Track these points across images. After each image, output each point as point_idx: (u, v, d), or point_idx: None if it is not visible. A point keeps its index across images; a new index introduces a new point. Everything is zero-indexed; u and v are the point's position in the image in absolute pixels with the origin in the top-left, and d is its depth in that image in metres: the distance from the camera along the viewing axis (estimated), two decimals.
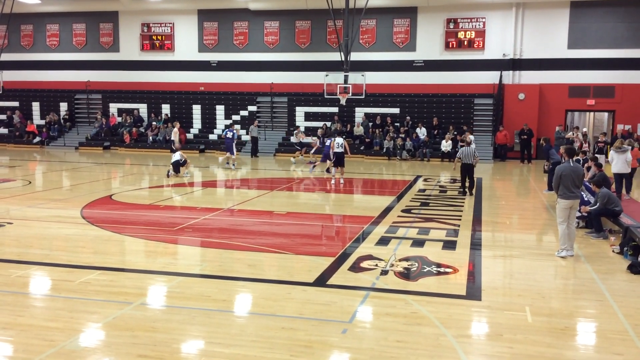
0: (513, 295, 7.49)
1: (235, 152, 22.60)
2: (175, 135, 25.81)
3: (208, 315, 6.63)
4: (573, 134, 24.40)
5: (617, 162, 14.98)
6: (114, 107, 32.98)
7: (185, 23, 31.74)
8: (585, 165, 14.65)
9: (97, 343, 5.96)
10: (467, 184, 16.18)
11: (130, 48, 32.64)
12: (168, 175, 18.94)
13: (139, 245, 10.10)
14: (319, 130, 27.04)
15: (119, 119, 32.40)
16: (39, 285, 7.91)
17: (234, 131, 22.89)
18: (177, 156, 19.28)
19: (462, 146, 19.48)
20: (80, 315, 6.62)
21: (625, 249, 9.39)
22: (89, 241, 10.24)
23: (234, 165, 22.49)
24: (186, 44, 31.86)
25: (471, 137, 23.38)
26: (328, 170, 20.08)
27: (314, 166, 21.65)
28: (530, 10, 27.55)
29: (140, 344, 5.86)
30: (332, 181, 18.16)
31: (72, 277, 8.04)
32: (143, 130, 31.46)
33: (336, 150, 18.03)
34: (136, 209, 13.58)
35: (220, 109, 31.41)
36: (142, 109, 32.57)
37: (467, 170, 16.14)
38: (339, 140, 18.21)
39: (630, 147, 15.40)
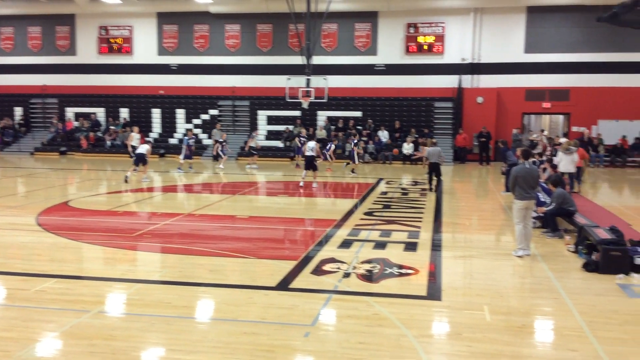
0: (472, 295, 7.62)
1: (183, 158, 22.84)
2: (137, 141, 23.78)
3: (168, 322, 6.54)
4: (537, 137, 24.96)
5: (564, 162, 15.88)
6: (70, 112, 32.36)
7: (145, 26, 31.35)
8: (541, 166, 15.02)
9: (53, 353, 5.82)
10: (434, 182, 16.92)
11: (87, 51, 32.07)
12: (126, 181, 18.59)
13: (96, 252, 9.91)
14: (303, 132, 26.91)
15: (76, 124, 31.79)
16: None
17: (195, 137, 23.14)
18: (143, 149, 18.91)
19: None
20: (35, 325, 6.45)
21: (580, 247, 9.66)
22: (45, 249, 10.00)
23: (190, 167, 22.91)
24: (145, 47, 31.47)
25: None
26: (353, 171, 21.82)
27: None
28: (488, 16, 28.13)
29: (98, 352, 5.75)
30: (301, 183, 18.25)
31: (28, 285, 7.83)
32: (101, 135, 30.91)
33: (307, 153, 18.21)
34: (94, 215, 13.32)
35: (180, 113, 31.11)
36: (100, 113, 32.05)
37: (435, 169, 16.82)
38: (311, 144, 18.43)
39: (576, 148, 16.30)
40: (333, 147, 23.04)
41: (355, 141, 22.63)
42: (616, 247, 8.67)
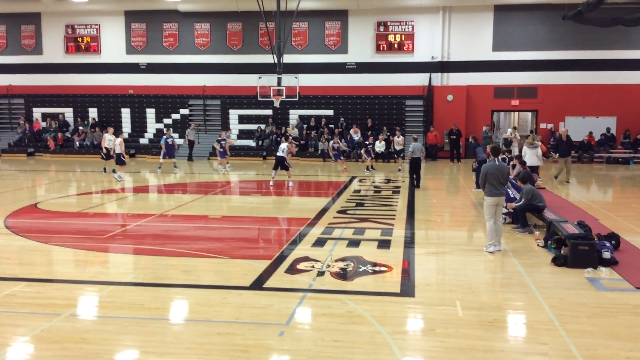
0: (445, 291, 7.72)
1: (162, 157, 23.04)
2: (110, 142, 21.45)
3: (141, 324, 6.49)
4: (511, 134, 25.19)
5: (529, 156, 16.64)
6: (37, 112, 31.73)
7: (112, 24, 30.88)
8: (511, 163, 15.25)
9: (24, 357, 5.73)
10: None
11: (54, 50, 31.44)
12: (116, 174, 19.45)
13: (67, 254, 9.76)
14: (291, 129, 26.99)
15: (44, 124, 31.19)
16: None
17: (173, 137, 23.10)
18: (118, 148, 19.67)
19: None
20: (5, 329, 6.34)
21: (549, 242, 9.84)
22: (14, 252, 9.82)
23: (175, 167, 23.03)
24: (113, 46, 31.00)
25: (401, 137, 23.94)
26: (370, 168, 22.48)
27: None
28: (456, 14, 28.42)
29: (70, 356, 5.67)
30: (271, 183, 18.24)
31: None
32: (69, 136, 30.39)
33: (278, 154, 18.28)
34: (63, 217, 13.11)
35: (150, 112, 30.77)
36: (68, 113, 31.49)
37: (416, 165, 17.35)
38: (283, 145, 18.52)
39: (540, 143, 17.30)
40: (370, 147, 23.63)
41: (368, 142, 23.69)
42: (584, 242, 8.85)
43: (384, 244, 10.33)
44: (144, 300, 7.28)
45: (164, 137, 23.28)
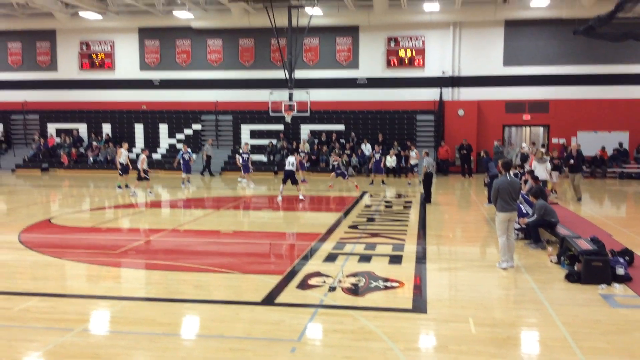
0: (457, 307, 7.66)
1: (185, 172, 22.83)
2: (125, 157, 21.80)
3: (153, 340, 6.49)
4: (529, 149, 24.98)
5: (539, 171, 16.59)
6: (52, 128, 32.08)
7: (126, 41, 31.26)
8: (523, 178, 15.18)
9: None
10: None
11: (68, 67, 31.85)
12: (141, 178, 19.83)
13: (80, 269, 9.80)
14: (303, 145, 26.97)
15: (58, 140, 31.50)
16: None
17: (190, 152, 23.15)
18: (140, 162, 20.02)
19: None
20: (19, 344, 6.37)
21: (562, 258, 9.75)
22: (28, 267, 9.89)
23: (188, 182, 22.77)
24: (127, 62, 31.36)
25: (415, 151, 23.98)
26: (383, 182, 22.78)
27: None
28: (467, 29, 28.48)
29: None
30: (279, 197, 18.24)
31: (10, 304, 7.73)
32: (83, 151, 30.67)
33: (286, 168, 18.30)
34: (77, 232, 13.20)
35: (163, 128, 31.01)
36: (82, 129, 31.81)
37: (429, 180, 17.36)
38: (291, 159, 18.51)
39: (549, 157, 17.48)
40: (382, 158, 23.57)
41: (379, 152, 23.62)
42: (598, 258, 8.77)
43: (396, 260, 10.28)
44: (156, 316, 7.29)
45: (180, 152, 23.33)
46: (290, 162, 18.45)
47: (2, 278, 9.16)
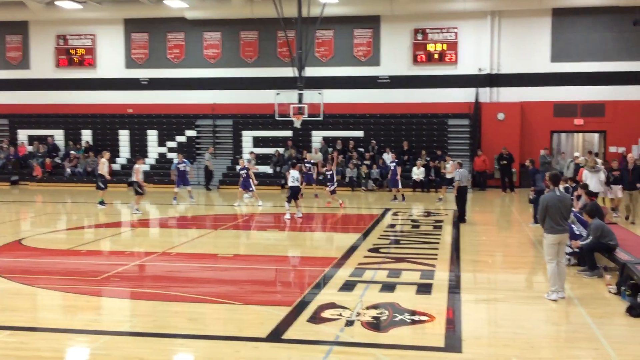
0: (498, 346, 7.60)
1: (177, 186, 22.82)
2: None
3: None
4: (585, 160, 24.62)
5: (590, 182, 16.45)
6: (23, 134, 32.38)
7: (110, 34, 31.58)
8: (575, 193, 15.09)
9: None
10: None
11: (43, 64, 32.20)
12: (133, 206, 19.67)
13: (55, 298, 9.86)
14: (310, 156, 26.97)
15: (30, 148, 31.78)
16: None
17: (186, 162, 23.22)
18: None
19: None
20: None
21: (623, 288, 9.64)
22: None
23: (191, 198, 22.73)
24: (111, 58, 31.65)
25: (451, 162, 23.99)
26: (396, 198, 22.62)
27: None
28: (507, 20, 28.48)
29: None
30: (287, 216, 18.25)
31: None
32: (59, 161, 30.92)
33: (290, 184, 18.33)
34: (51, 255, 13.27)
35: (152, 135, 31.20)
36: (58, 135, 32.08)
37: (463, 195, 17.33)
38: (295, 173, 18.53)
39: (603, 167, 17.30)
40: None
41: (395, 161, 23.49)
42: None
43: (425, 289, 10.24)
44: (143, 353, 7.30)
45: (175, 162, 23.39)
46: (295, 177, 18.50)
47: None
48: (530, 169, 17.89)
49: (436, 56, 29.04)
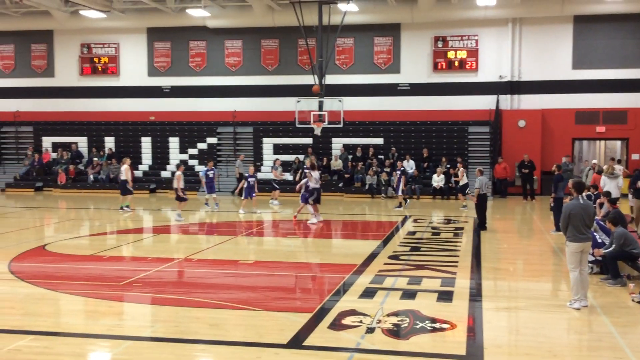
0: (520, 354, 7.53)
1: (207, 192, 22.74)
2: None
3: None
4: (606, 167, 24.39)
5: (608, 188, 16.22)
6: (47, 141, 32.71)
7: (133, 43, 31.87)
8: (598, 201, 14.94)
9: None
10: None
11: (67, 72, 32.55)
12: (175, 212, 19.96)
13: (78, 304, 9.92)
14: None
15: (54, 155, 32.11)
16: None
17: (214, 169, 23.26)
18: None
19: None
20: None
21: None
22: (19, 300, 10.04)
23: (216, 205, 22.67)
24: (134, 67, 31.93)
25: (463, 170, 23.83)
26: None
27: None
28: (528, 27, 28.33)
29: None
30: (312, 220, 18.35)
31: None
32: (82, 168, 31.21)
33: (313, 185, 18.44)
34: (75, 260, 13.38)
35: (174, 142, 31.38)
36: (82, 142, 32.38)
37: (483, 203, 17.35)
38: (315, 174, 18.65)
39: (620, 173, 17.27)
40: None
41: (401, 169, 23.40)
42: None
43: (445, 296, 10.18)
44: (165, 359, 7.33)
45: (204, 169, 23.44)
46: (315, 177, 18.70)
47: None
48: (555, 176, 17.70)
49: (457, 63, 28.94)
